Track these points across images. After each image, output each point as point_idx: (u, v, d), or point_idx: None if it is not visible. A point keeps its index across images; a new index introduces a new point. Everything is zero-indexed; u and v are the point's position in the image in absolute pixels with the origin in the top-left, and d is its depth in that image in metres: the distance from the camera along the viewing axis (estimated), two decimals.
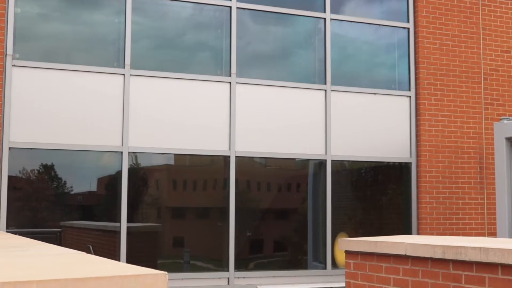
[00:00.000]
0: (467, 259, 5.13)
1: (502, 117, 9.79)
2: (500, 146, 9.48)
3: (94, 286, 2.23)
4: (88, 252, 3.69)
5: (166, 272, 2.33)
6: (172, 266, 9.62)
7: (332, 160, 10.52)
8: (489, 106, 11.51)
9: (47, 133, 9.15)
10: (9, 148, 8.96)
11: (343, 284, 6.73)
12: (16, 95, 9.04)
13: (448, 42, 11.36)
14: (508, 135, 9.32)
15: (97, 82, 9.46)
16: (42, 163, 9.40)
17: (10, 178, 9.02)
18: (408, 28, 11.32)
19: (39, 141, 9.11)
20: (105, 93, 9.49)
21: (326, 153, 10.51)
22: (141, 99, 9.63)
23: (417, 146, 11.06)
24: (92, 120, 9.40)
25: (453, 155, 11.14)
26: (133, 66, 9.59)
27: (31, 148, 9.17)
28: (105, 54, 9.72)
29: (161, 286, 2.31)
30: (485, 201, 11.19)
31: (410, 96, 11.16)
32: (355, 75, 11.16)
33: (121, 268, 2.62)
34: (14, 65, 9.06)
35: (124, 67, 9.54)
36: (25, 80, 9.11)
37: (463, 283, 5.20)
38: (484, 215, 11.13)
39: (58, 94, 9.28)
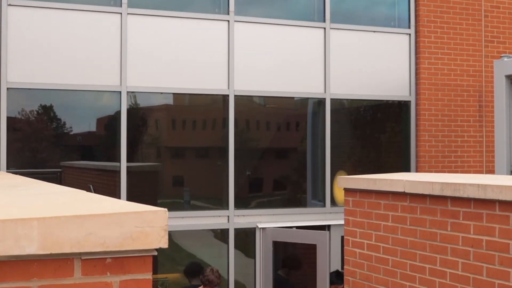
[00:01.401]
0: (465, 195, 5.17)
1: (502, 55, 9.73)
2: (499, 84, 9.45)
3: (94, 223, 2.25)
4: (89, 191, 3.71)
5: (166, 209, 2.35)
6: (172, 205, 9.69)
7: (331, 99, 10.50)
8: (490, 44, 11.43)
9: (45, 73, 9.11)
10: (7, 88, 8.93)
11: (342, 222, 6.79)
12: (12, 35, 8.97)
13: None
14: (508, 73, 9.28)
15: (94, 21, 9.37)
16: (40, 104, 9.39)
17: (9, 119, 9.01)
18: None
19: (37, 81, 9.08)
20: (103, 32, 9.42)
21: (325, 92, 10.48)
22: (139, 38, 9.56)
23: (417, 84, 11.02)
24: (90, 60, 9.35)
25: (453, 93, 11.12)
26: (130, 5, 9.49)
27: (29, 89, 9.14)
28: None
29: (161, 223, 2.33)
30: (484, 139, 11.21)
31: (409, 34, 11.07)
32: (354, 12, 11.05)
33: (121, 205, 2.63)
34: (9, 4, 8.96)
35: (121, 6, 9.45)
36: (22, 19, 9.02)
37: (461, 219, 5.25)
38: (482, 153, 11.17)
39: (56, 33, 9.20)
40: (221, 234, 9.97)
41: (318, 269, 9.37)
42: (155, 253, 2.35)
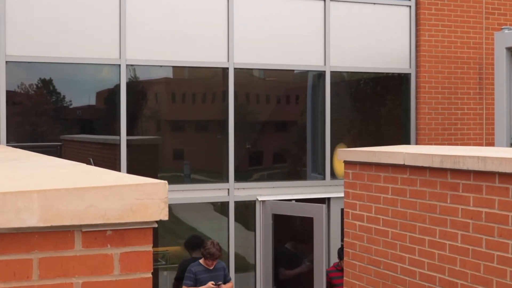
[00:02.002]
0: (465, 168, 5.17)
1: (503, 27, 9.69)
2: (500, 56, 9.42)
3: (95, 195, 2.25)
4: (89, 165, 3.71)
5: (166, 181, 2.35)
6: (172, 178, 9.70)
7: (331, 72, 10.47)
8: (490, 16, 11.37)
9: (44, 47, 9.08)
10: (6, 62, 8.90)
11: (342, 194, 6.80)
12: (11, 8, 8.92)
13: None
14: (509, 45, 9.24)
15: None
16: (40, 77, 9.37)
17: (8, 92, 9.00)
18: None
19: (36, 55, 9.05)
20: (102, 4, 9.37)
21: (325, 64, 10.45)
22: (138, 11, 9.51)
23: (417, 56, 10.99)
24: (89, 33, 9.30)
25: (453, 65, 11.09)
26: None
27: (28, 62, 9.11)
28: None
29: (161, 195, 2.33)
30: (484, 111, 11.20)
31: (410, 6, 11.02)
32: None
33: (121, 177, 2.64)
34: None
35: None
36: None
37: (460, 191, 5.26)
38: (482, 125, 11.16)
39: (55, 6, 9.15)
40: (221, 207, 10.00)
41: (315, 243, 9.41)
42: (156, 226, 2.35)
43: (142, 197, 2.30)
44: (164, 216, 2.33)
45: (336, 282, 8.80)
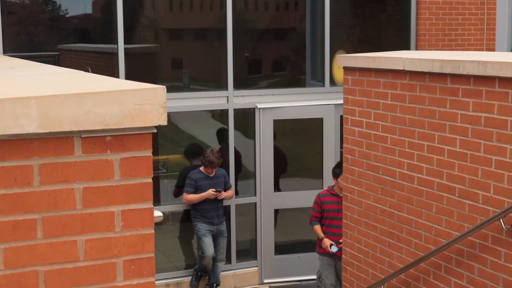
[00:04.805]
0: (465, 72, 5.15)
1: None
2: None
3: (93, 101, 2.24)
4: None
5: (164, 86, 2.34)
6: (171, 87, 9.67)
7: None
8: None
9: None
10: None
11: (341, 101, 6.80)
12: None
13: None
14: None
15: None
16: None
17: (3, 2, 8.85)
18: None
19: None
20: None
21: None
22: None
23: None
24: None
25: None
26: None
27: None
28: None
29: (160, 100, 2.32)
30: (485, 16, 11.05)
31: None
32: None
33: (119, 83, 2.63)
34: None
35: None
36: None
37: (460, 96, 5.26)
38: (483, 31, 11.04)
39: None
40: (220, 115, 10.00)
41: (324, 143, 9.82)
42: (155, 131, 2.36)
43: (141, 102, 2.29)
44: (163, 121, 2.33)
45: (327, 207, 8.04)
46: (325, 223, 8.03)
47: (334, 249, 7.87)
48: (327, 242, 7.94)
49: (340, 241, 7.33)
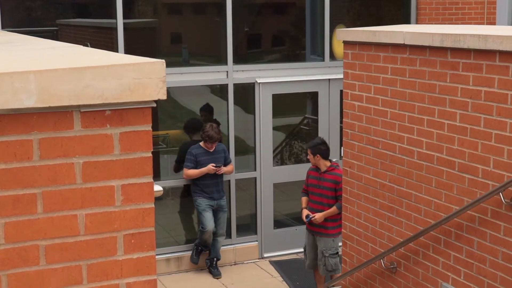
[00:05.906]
0: (465, 46, 5.13)
1: None
2: None
3: (92, 75, 2.24)
4: None
5: (163, 60, 2.33)
6: (171, 62, 9.62)
7: None
8: None
9: None
10: None
11: (341, 76, 6.78)
12: None
13: None
14: None
15: None
16: None
17: None
18: None
19: None
20: None
21: None
22: None
23: None
24: None
25: None
26: None
27: None
28: None
29: (159, 74, 2.32)
30: None
31: None
32: None
33: (119, 57, 2.61)
34: None
35: None
36: None
37: (460, 70, 5.24)
38: (484, 4, 10.98)
39: None
40: (220, 90, 9.98)
41: (319, 116, 9.82)
42: (154, 105, 2.35)
43: (140, 77, 2.29)
44: (163, 96, 2.33)
45: (309, 181, 8.21)
46: (309, 197, 8.25)
47: (306, 218, 8.12)
48: (303, 212, 8.21)
49: (313, 215, 7.98)
